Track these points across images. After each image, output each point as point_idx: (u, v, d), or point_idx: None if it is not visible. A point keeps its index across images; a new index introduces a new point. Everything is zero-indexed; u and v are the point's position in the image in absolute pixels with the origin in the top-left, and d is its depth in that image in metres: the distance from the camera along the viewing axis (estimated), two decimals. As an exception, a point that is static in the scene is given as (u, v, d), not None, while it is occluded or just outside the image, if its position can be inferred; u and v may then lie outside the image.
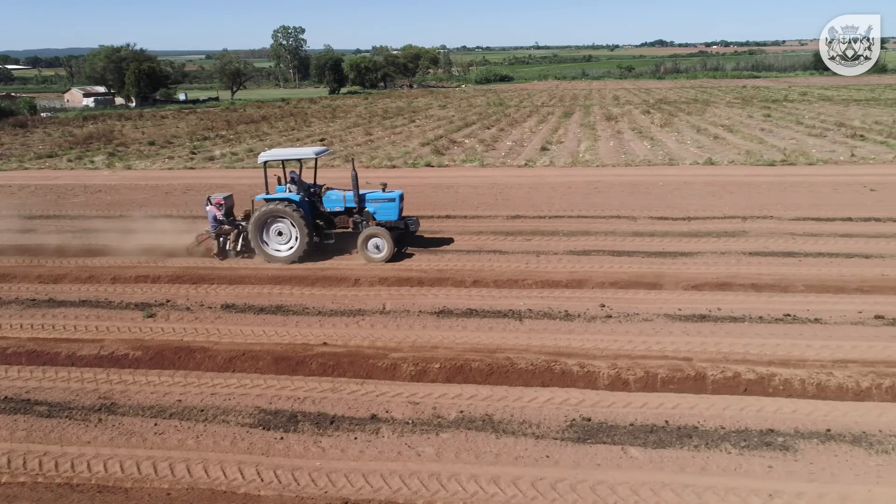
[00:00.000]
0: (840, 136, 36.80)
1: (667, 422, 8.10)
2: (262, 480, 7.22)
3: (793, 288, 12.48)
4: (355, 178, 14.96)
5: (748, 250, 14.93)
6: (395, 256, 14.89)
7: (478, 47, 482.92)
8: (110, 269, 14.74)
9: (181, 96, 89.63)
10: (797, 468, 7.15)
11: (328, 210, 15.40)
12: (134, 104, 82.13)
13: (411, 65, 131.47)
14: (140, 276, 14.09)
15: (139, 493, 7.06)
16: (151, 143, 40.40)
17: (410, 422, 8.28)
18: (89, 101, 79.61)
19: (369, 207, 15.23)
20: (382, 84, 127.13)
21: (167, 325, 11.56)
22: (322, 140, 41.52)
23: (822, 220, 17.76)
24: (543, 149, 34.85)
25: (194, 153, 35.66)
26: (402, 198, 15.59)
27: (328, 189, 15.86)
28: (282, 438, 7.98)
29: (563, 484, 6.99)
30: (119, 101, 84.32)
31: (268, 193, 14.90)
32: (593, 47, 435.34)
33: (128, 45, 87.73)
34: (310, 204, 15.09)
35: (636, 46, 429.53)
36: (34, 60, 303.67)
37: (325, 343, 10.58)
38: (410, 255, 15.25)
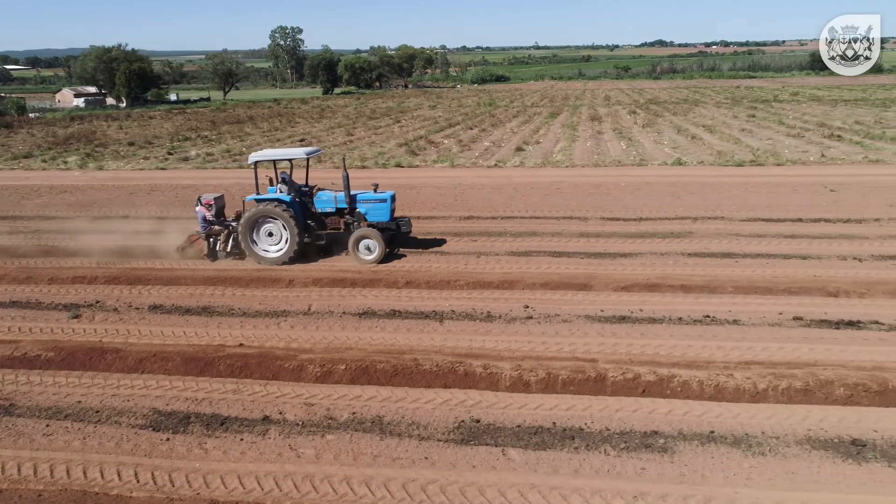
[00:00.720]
0: (817, 136, 36.78)
1: (554, 423, 8.09)
2: (138, 482, 7.22)
3: (721, 289, 12.46)
4: (346, 179, 14.80)
5: (688, 251, 14.92)
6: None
7: (478, 47, 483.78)
8: (49, 269, 14.76)
9: (172, 97, 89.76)
10: (669, 470, 7.15)
11: (319, 211, 15.26)
12: (124, 104, 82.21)
13: (406, 65, 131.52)
14: (77, 277, 14.11)
15: (11, 495, 7.07)
16: (131, 144, 40.48)
17: (300, 423, 8.28)
18: (80, 102, 79.77)
19: (361, 208, 15.07)
20: (377, 84, 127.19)
21: (90, 326, 11.57)
22: (302, 140, 41.59)
23: (772, 220, 17.74)
24: (519, 149, 34.86)
25: (170, 154, 35.72)
26: (393, 198, 15.42)
27: (319, 190, 15.71)
28: (168, 440, 7.99)
29: (433, 486, 6.99)
30: (110, 101, 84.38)
31: (258, 194, 14.75)
32: (593, 47, 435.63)
33: (119, 46, 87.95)
34: (301, 205, 14.94)
35: (636, 47, 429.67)
36: (34, 61, 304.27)
37: (241, 344, 10.59)
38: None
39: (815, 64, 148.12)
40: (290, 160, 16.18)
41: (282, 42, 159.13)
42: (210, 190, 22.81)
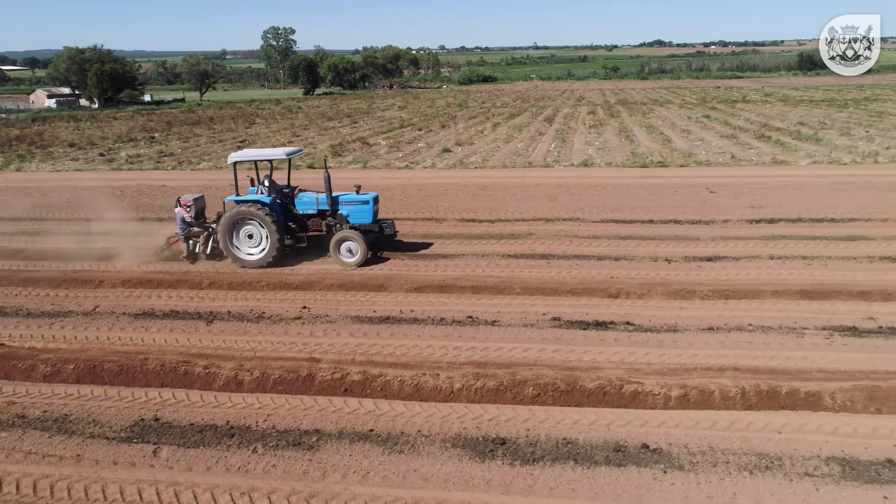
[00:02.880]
0: (749, 137, 36.85)
1: (227, 422, 8.28)
2: None
3: (509, 290, 12.64)
4: (328, 180, 14.56)
5: (510, 252, 15.10)
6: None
7: (476, 47, 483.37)
8: None
9: (147, 97, 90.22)
10: (298, 467, 7.32)
11: (301, 212, 15.07)
12: (96, 105, 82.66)
13: (391, 66, 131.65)
14: None
15: None
16: (71, 146, 40.76)
17: (-12, 421, 8.48)
18: (51, 103, 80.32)
19: (343, 210, 14.85)
20: (362, 85, 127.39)
21: None
22: (243, 141, 41.82)
23: (623, 222, 17.91)
24: (446, 150, 35.01)
25: (101, 155, 36.00)
26: (376, 200, 15.22)
27: (301, 191, 15.49)
28: None
29: (63, 483, 7.17)
30: (84, 102, 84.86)
31: (237, 195, 14.60)
32: (592, 48, 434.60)
33: (94, 46, 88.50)
34: (282, 206, 14.72)
35: (634, 47, 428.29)
36: (32, 61, 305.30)
37: (2, 344, 10.81)
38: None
39: (803, 64, 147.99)
40: (269, 160, 15.74)
41: (274, 43, 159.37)
42: (107, 192, 23.14)
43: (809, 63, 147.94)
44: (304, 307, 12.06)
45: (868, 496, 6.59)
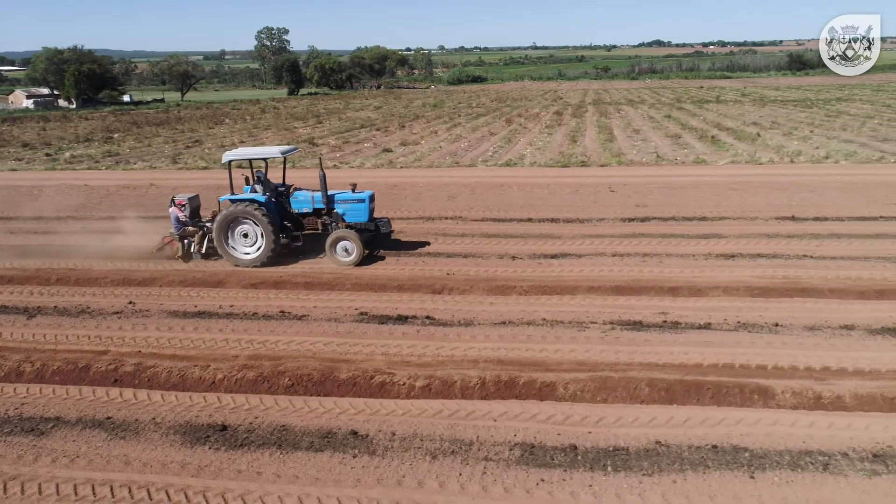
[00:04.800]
0: (692, 137, 37.13)
1: (19, 414, 8.57)
2: None
3: (340, 286, 13.01)
4: (323, 179, 14.55)
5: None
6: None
7: (476, 48, 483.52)
8: None
9: (126, 98, 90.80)
10: (10, 452, 7.66)
11: (296, 211, 15.03)
12: (74, 106, 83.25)
13: (378, 66, 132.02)
14: None
15: None
16: (25, 145, 41.24)
17: None
18: (29, 103, 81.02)
19: (338, 209, 14.82)
20: (349, 85, 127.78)
21: None
22: (195, 142, 42.24)
23: (502, 220, 18.31)
24: (387, 150, 35.36)
25: (48, 155, 36.44)
26: (372, 198, 15.16)
27: (296, 189, 15.45)
28: None
29: None
30: (63, 102, 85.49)
31: (233, 194, 14.55)
32: (591, 47, 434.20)
33: (74, 47, 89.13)
34: (277, 205, 14.72)
35: (633, 47, 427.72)
36: (26, 62, 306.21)
37: None
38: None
39: (793, 64, 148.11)
40: (263, 159, 15.72)
41: (268, 43, 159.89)
42: (14, 192, 23.54)
43: (799, 63, 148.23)
44: (131, 302, 12.42)
45: (527, 478, 6.91)
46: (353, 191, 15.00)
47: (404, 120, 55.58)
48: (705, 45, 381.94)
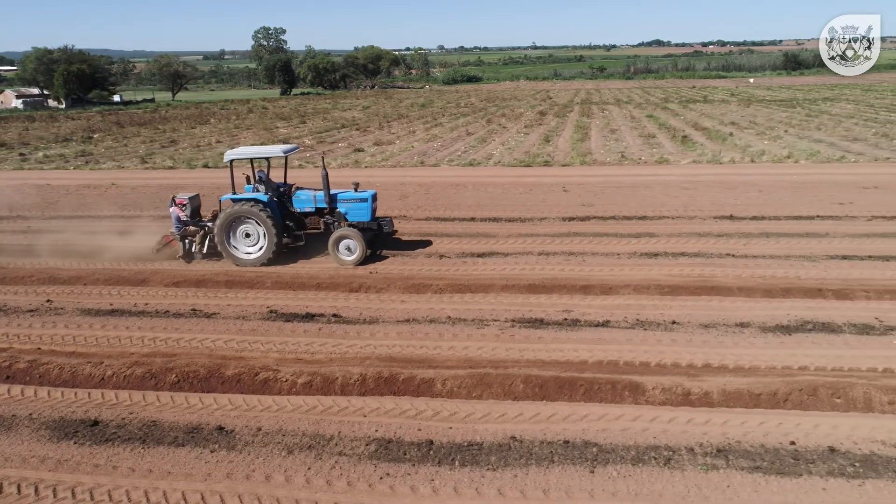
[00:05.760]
0: (665, 137, 37.21)
1: None
2: None
3: (260, 284, 13.13)
4: (325, 178, 14.44)
5: (299, 250, 15.48)
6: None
7: (475, 47, 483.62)
8: None
9: (116, 98, 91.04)
10: None
11: (298, 210, 14.92)
12: (63, 106, 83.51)
13: (371, 66, 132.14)
14: None
15: None
16: (2, 145, 41.42)
17: None
18: (19, 103, 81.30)
19: (341, 208, 14.73)
20: (343, 85, 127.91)
21: None
22: (173, 142, 42.40)
23: (445, 219, 18.46)
24: (358, 150, 35.48)
25: (21, 154, 36.60)
26: (374, 198, 15.11)
27: (298, 189, 15.32)
28: None
29: None
30: (53, 102, 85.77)
31: (234, 193, 14.42)
32: (590, 47, 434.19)
33: (64, 47, 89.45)
34: (279, 204, 14.62)
35: (633, 46, 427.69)
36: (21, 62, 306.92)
37: None
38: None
39: (788, 64, 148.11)
40: (265, 158, 15.57)
41: (265, 43, 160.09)
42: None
43: (794, 63, 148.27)
44: (49, 300, 12.54)
45: (373, 473, 7.01)
46: (356, 190, 14.91)
47: (388, 120, 55.68)
48: (705, 44, 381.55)
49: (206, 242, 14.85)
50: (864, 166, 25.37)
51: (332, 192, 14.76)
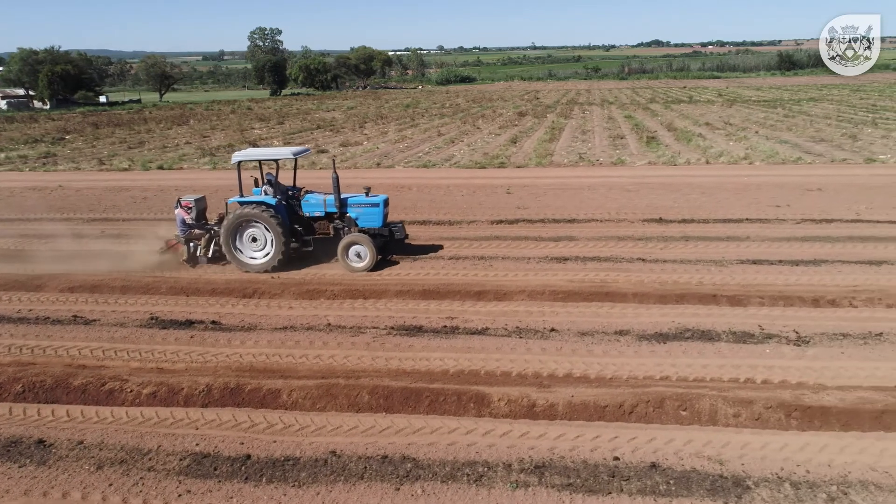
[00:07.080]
0: (634, 138, 36.92)
1: None
2: None
3: (155, 290, 12.86)
4: (336, 181, 13.97)
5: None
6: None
7: (475, 48, 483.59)
8: None
9: (102, 98, 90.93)
10: None
11: (307, 214, 14.45)
12: (48, 106, 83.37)
13: (364, 66, 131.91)
14: None
15: None
16: (-31, 146, 41.23)
17: None
18: (2, 104, 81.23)
19: (351, 213, 14.24)
20: (335, 85, 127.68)
21: None
22: (140, 143, 42.19)
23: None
24: (322, 151, 35.22)
25: (-18, 155, 36.47)
26: (386, 203, 14.62)
27: (308, 192, 14.87)
28: None
29: None
30: (38, 103, 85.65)
31: (241, 196, 14.09)
32: (589, 48, 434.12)
33: (50, 48, 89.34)
34: (287, 208, 14.20)
35: (632, 47, 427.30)
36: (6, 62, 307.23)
37: None
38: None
39: (782, 64, 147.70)
40: (275, 160, 15.16)
41: (261, 43, 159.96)
42: None
43: (789, 63, 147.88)
44: (-63, 304, 12.30)
45: (175, 489, 6.75)
46: (367, 194, 14.42)
47: (365, 120, 55.45)
48: (704, 45, 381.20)
49: (212, 246, 14.46)
50: (817, 167, 25.08)
51: (342, 196, 14.25)
